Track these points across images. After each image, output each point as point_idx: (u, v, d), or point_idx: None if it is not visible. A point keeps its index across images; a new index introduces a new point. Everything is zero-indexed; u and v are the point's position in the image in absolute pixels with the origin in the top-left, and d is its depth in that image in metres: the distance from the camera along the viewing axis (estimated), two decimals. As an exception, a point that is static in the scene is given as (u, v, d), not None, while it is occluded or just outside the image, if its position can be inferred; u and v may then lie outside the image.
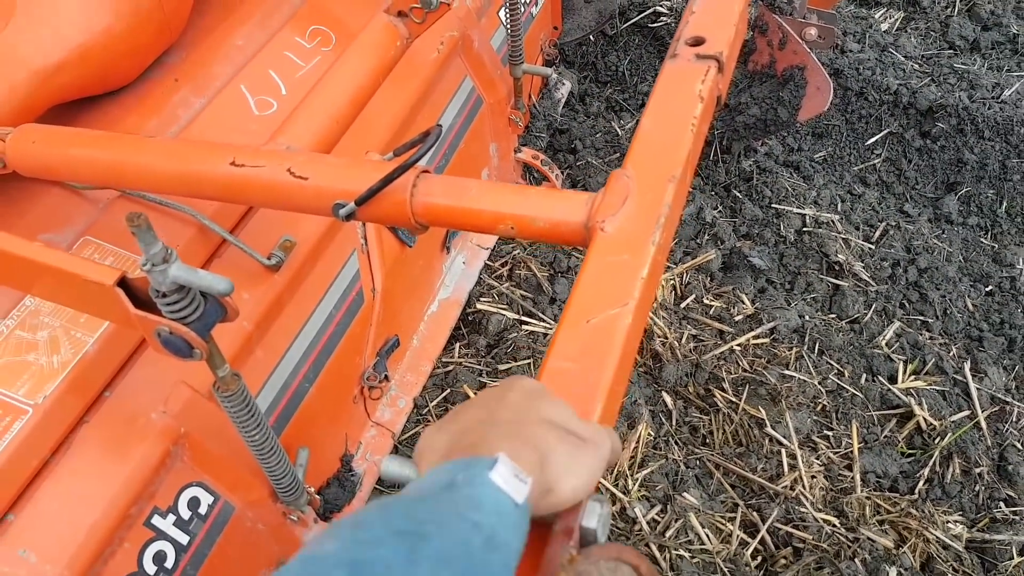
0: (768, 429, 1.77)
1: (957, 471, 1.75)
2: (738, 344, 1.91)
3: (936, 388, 1.87)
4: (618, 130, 2.38)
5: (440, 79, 1.80)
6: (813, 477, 1.71)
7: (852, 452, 1.75)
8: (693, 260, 2.07)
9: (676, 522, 1.63)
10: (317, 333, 1.50)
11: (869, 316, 2.02)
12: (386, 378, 1.72)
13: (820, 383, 1.87)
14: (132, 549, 1.17)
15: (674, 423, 1.80)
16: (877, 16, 2.73)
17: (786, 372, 1.87)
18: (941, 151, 2.34)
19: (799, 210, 2.20)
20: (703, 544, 1.61)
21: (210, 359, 1.03)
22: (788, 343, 1.93)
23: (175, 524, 1.23)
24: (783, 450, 1.74)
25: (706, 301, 2.01)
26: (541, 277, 2.00)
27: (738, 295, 2.02)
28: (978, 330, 2.03)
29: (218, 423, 1.28)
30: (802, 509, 1.65)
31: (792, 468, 1.72)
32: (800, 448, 1.75)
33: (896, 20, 2.72)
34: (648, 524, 1.62)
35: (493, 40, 2.00)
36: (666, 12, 2.55)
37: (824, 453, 1.76)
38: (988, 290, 2.12)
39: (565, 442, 0.64)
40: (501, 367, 1.85)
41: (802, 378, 1.86)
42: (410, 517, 0.54)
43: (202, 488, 1.28)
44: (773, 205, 2.22)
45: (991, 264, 2.19)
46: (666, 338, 1.90)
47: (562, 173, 2.22)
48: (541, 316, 1.93)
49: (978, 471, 1.75)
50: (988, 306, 2.09)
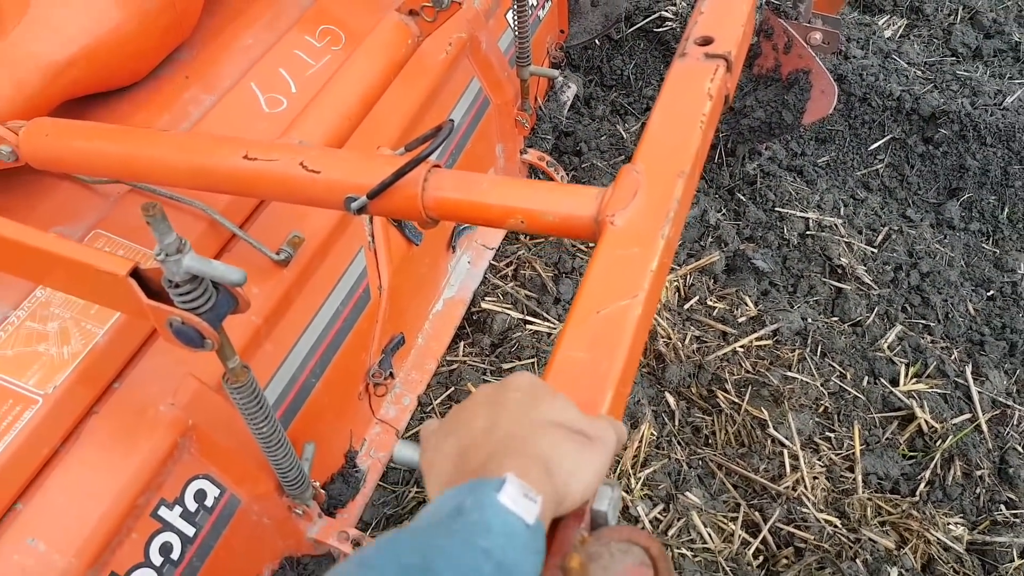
0: (770, 430, 1.78)
1: (958, 473, 1.75)
2: (741, 345, 1.92)
3: (938, 391, 1.88)
4: (623, 133, 2.40)
5: (448, 79, 1.81)
6: (815, 478, 1.72)
7: (854, 454, 1.76)
8: (697, 262, 2.08)
9: (678, 521, 1.63)
10: (324, 329, 1.51)
11: (871, 319, 2.03)
12: (391, 375, 1.73)
13: (822, 385, 1.88)
14: (139, 540, 1.18)
15: (677, 423, 1.81)
16: (880, 23, 2.75)
17: (788, 374, 1.88)
18: (943, 157, 2.36)
19: (802, 214, 2.22)
20: (705, 543, 1.61)
21: (221, 350, 1.04)
22: (791, 345, 1.94)
23: (181, 516, 1.24)
24: (785, 451, 1.75)
25: (709, 303, 2.02)
26: (546, 277, 2.01)
27: (741, 297, 2.03)
28: (979, 334, 2.04)
29: (226, 416, 1.29)
30: (804, 509, 1.66)
31: (794, 469, 1.73)
32: (802, 449, 1.75)
33: (899, 27, 2.74)
34: (651, 523, 1.63)
35: (500, 42, 2.01)
36: (671, 17, 2.56)
37: (826, 454, 1.77)
38: (990, 295, 2.13)
39: (571, 444, 0.64)
40: (505, 366, 1.86)
41: (804, 380, 1.87)
42: (417, 550, 0.53)
43: (209, 480, 1.29)
44: (776, 209, 2.23)
45: (992, 269, 2.20)
46: (669, 339, 1.91)
47: (567, 175, 2.24)
48: (545, 316, 1.94)
49: (979, 474, 1.75)
50: (990, 310, 2.10)
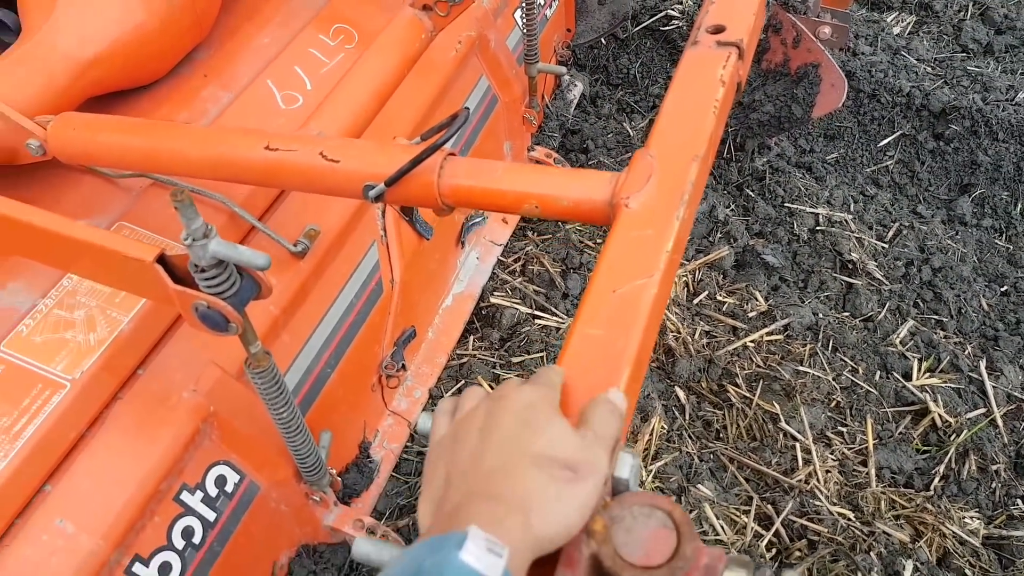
0: (782, 424, 1.79)
1: (973, 468, 1.75)
2: (752, 340, 1.93)
3: (951, 386, 1.88)
4: (629, 131, 2.42)
5: (458, 77, 1.84)
6: (828, 471, 1.72)
7: (867, 448, 1.76)
8: (706, 257, 2.09)
9: (691, 513, 1.64)
10: (339, 320, 1.54)
11: (883, 314, 2.04)
12: (403, 367, 1.75)
13: (834, 379, 1.89)
14: (162, 523, 1.21)
15: (687, 417, 1.82)
16: (889, 20, 2.76)
17: (800, 368, 1.89)
18: (955, 153, 2.36)
19: (812, 209, 2.23)
20: (718, 535, 1.62)
21: (244, 335, 1.06)
22: (802, 340, 1.95)
23: (203, 501, 1.27)
24: (798, 445, 1.76)
25: (719, 298, 2.03)
26: (554, 272, 2.03)
27: (751, 292, 2.04)
28: (993, 329, 2.04)
29: (246, 403, 1.31)
30: (817, 502, 1.66)
31: (807, 462, 1.74)
32: (814, 443, 1.76)
33: (908, 24, 2.75)
34: (663, 514, 1.63)
35: (508, 40, 2.04)
36: (678, 16, 2.58)
37: (839, 448, 1.77)
38: (1003, 290, 2.13)
39: (555, 485, 0.62)
40: (514, 360, 1.87)
41: (816, 374, 1.88)
42: None
43: (229, 467, 1.31)
44: (786, 204, 2.24)
45: (1006, 265, 2.20)
46: (679, 333, 1.92)
47: (578, 172, 2.25)
48: (554, 311, 1.96)
49: (995, 468, 1.75)
50: (1003, 306, 2.10)
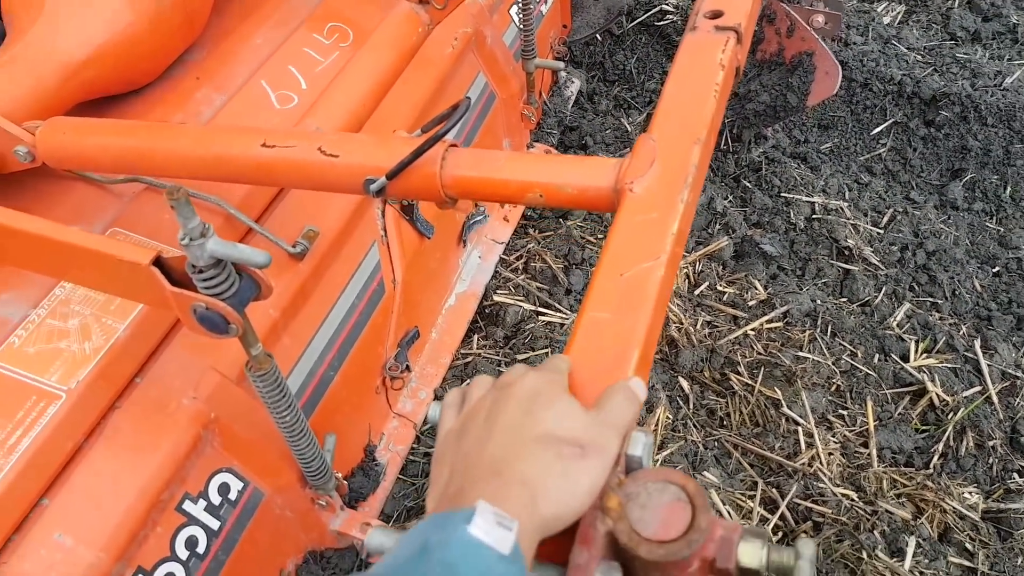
0: (784, 409, 1.79)
1: (971, 444, 1.76)
2: (752, 329, 1.93)
3: (948, 365, 1.89)
4: (627, 126, 2.42)
5: (455, 74, 1.83)
6: (830, 454, 1.73)
7: (868, 429, 1.77)
8: (705, 248, 2.09)
9: (698, 502, 1.64)
10: (341, 322, 1.52)
11: (880, 299, 2.04)
12: (408, 368, 1.74)
13: (834, 364, 1.89)
14: (164, 534, 1.18)
15: (691, 406, 1.82)
16: (879, 9, 2.77)
17: (800, 354, 1.89)
18: (945, 139, 2.37)
19: (808, 198, 2.23)
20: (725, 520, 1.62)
21: (244, 337, 1.04)
22: (801, 327, 1.95)
23: (206, 509, 1.24)
24: (800, 429, 1.76)
25: (719, 288, 2.03)
26: (556, 269, 2.02)
27: (751, 281, 2.04)
28: (987, 309, 2.05)
29: (247, 408, 1.29)
30: (820, 484, 1.67)
31: (809, 446, 1.74)
32: (816, 427, 1.76)
33: (898, 13, 2.76)
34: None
35: (504, 37, 2.03)
36: (672, 11, 2.59)
37: (840, 431, 1.78)
38: (995, 271, 2.14)
39: (561, 462, 0.60)
40: (519, 357, 1.87)
41: (816, 359, 1.88)
42: None
43: (232, 474, 1.29)
44: (782, 194, 2.25)
45: (997, 247, 2.21)
46: (681, 324, 1.92)
47: (572, 168, 2.25)
48: (558, 307, 1.95)
49: (991, 444, 1.76)
50: (996, 286, 2.11)
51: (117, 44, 1.36)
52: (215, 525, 1.26)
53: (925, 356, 1.90)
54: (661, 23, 2.57)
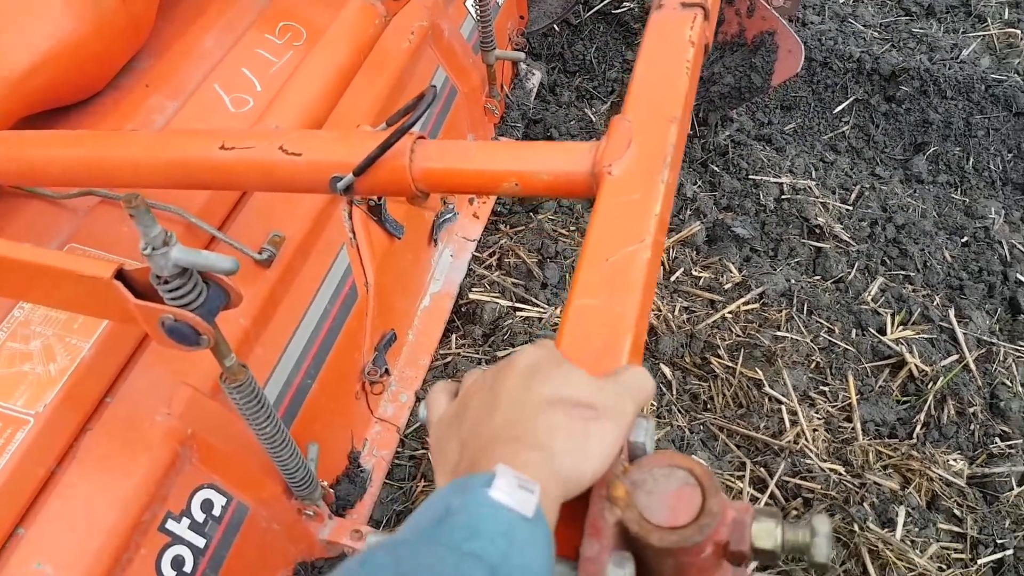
0: (767, 389, 1.79)
1: (952, 412, 1.78)
2: (729, 311, 1.93)
3: (924, 336, 1.91)
4: (591, 116, 2.40)
5: (413, 69, 1.80)
6: (815, 430, 1.73)
7: (850, 403, 1.78)
8: (678, 235, 2.09)
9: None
10: (315, 328, 1.48)
11: (853, 274, 2.06)
12: (386, 372, 1.70)
13: (812, 341, 1.90)
14: (149, 556, 1.14)
15: (675, 392, 1.81)
16: (833, -13, 2.79)
17: (778, 333, 1.89)
18: (907, 114, 2.40)
19: (776, 179, 2.24)
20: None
21: (216, 347, 1.01)
22: (777, 306, 1.96)
23: (190, 527, 1.21)
24: (783, 407, 1.76)
25: (695, 273, 2.03)
26: (531, 263, 2.00)
27: (725, 264, 2.04)
28: (958, 279, 2.08)
29: (224, 421, 1.25)
30: (808, 461, 1.67)
31: (793, 424, 1.74)
32: (799, 404, 1.77)
33: (851, -9, 2.78)
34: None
35: (462, 30, 2.00)
36: (628, -2, 2.58)
37: (823, 407, 1.78)
38: (964, 241, 2.17)
39: (573, 422, 0.59)
40: (500, 354, 1.84)
41: (794, 338, 1.88)
42: (395, 567, 0.48)
43: (214, 490, 1.25)
44: (750, 176, 2.25)
45: (964, 217, 2.24)
46: (660, 311, 1.91)
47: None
48: (535, 301, 1.93)
49: (972, 411, 1.78)
50: (966, 256, 2.14)
51: (60, 52, 1.31)
52: (201, 543, 1.22)
53: (901, 328, 1.91)
54: (619, 11, 2.56)
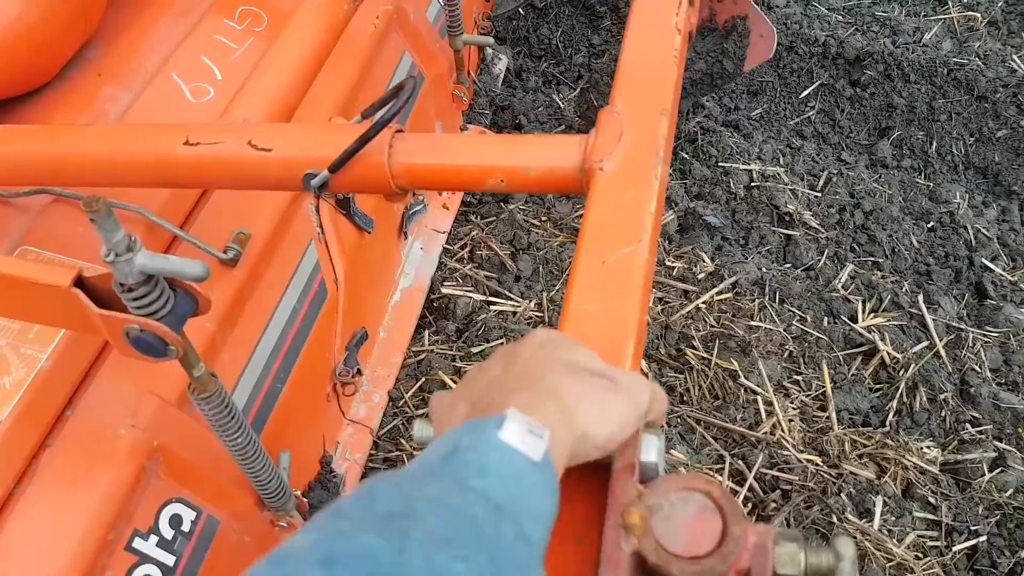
0: (742, 380, 1.78)
1: (924, 399, 1.80)
2: (703, 302, 1.92)
3: (895, 323, 1.92)
4: (560, 103, 2.36)
5: (379, 56, 1.73)
6: (791, 421, 1.73)
7: (825, 392, 1.78)
8: (650, 223, 2.07)
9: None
10: (283, 329, 1.42)
11: (823, 262, 2.06)
12: (358, 372, 1.65)
13: (785, 330, 1.90)
14: (116, 577, 1.09)
15: (652, 385, 1.79)
16: (796, -28, 2.78)
17: (752, 323, 1.89)
18: (871, 98, 2.41)
19: (745, 166, 2.23)
20: (696, 500, 1.60)
21: (185, 358, 0.95)
22: (750, 296, 1.95)
23: (159, 545, 1.15)
24: (759, 398, 1.76)
25: (668, 263, 2.01)
26: (503, 255, 1.96)
27: (698, 254, 2.03)
28: (925, 264, 2.10)
29: (193, 432, 1.20)
30: (785, 452, 1.67)
31: (769, 414, 1.74)
32: (775, 394, 1.77)
33: (814, -25, 2.78)
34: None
35: (427, 13, 1.94)
36: (594, -19, 2.54)
37: (797, 397, 1.79)
38: (930, 226, 2.19)
39: (592, 386, 0.59)
40: (474, 350, 1.80)
41: (768, 327, 1.88)
42: (399, 497, 0.47)
43: (183, 504, 1.19)
44: (720, 164, 2.24)
45: (929, 202, 2.26)
46: (634, 302, 1.89)
47: (509, 149, 2.18)
48: (508, 295, 1.90)
49: (943, 397, 1.80)
50: (932, 241, 2.16)
51: (5, 40, 1.22)
52: (170, 561, 1.16)
53: (872, 316, 1.93)
54: (585, -6, 2.52)
